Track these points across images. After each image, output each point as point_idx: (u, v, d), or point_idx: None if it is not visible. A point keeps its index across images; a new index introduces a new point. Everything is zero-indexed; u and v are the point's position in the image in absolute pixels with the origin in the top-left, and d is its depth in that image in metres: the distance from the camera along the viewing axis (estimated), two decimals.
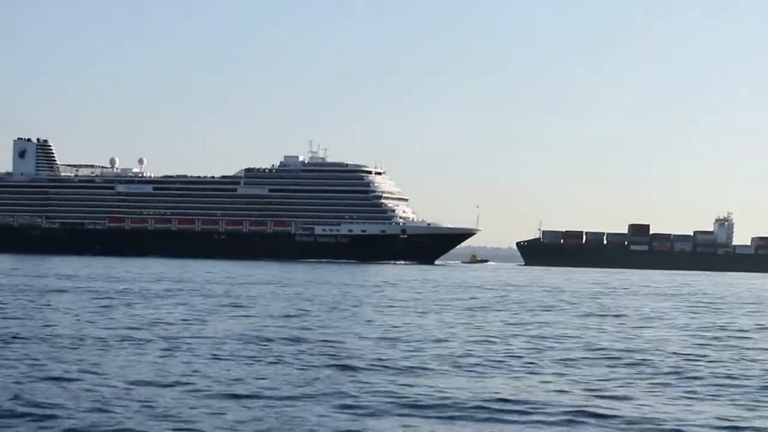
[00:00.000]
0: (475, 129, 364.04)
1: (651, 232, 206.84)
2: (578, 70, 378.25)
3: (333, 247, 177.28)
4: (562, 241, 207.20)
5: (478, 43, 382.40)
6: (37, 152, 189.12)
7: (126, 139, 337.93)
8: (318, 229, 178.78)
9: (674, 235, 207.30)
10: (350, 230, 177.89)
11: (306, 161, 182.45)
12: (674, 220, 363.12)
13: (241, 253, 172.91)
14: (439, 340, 36.73)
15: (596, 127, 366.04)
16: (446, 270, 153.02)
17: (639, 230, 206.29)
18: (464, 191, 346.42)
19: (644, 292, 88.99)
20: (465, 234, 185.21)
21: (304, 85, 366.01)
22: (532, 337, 39.58)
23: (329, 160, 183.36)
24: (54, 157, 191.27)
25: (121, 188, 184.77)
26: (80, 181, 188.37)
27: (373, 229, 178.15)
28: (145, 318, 43.10)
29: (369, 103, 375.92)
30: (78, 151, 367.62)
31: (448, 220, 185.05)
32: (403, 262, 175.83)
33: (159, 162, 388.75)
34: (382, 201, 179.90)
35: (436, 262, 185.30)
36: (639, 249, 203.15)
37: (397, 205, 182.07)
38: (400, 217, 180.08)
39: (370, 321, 45.23)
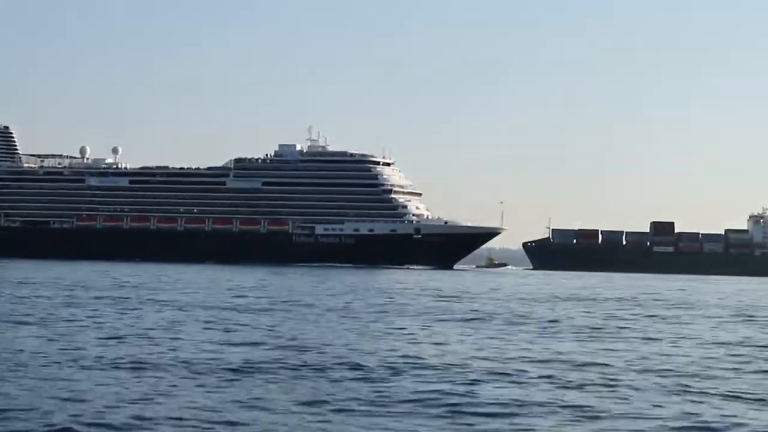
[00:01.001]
0: (495, 113, 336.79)
1: (676, 230, 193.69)
2: (599, 51, 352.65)
3: (336, 249, 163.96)
4: (574, 241, 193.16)
5: (500, 20, 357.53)
6: None
7: (99, 125, 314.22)
8: (319, 229, 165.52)
9: (703, 234, 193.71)
10: (355, 230, 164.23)
11: (304, 150, 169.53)
12: (702, 217, 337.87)
13: (230, 255, 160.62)
14: None
15: (614, 111, 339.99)
16: (475, 276, 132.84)
17: (662, 228, 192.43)
18: (484, 184, 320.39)
19: None
20: (488, 234, 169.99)
21: (302, 64, 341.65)
22: None
23: (331, 148, 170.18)
24: (16, 145, 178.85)
25: (92, 181, 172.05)
26: (45, 173, 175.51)
27: (381, 228, 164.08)
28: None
29: (375, 84, 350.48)
30: (43, 139, 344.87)
31: (466, 217, 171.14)
32: (417, 266, 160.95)
33: (136, 152, 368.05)
34: (392, 196, 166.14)
35: (455, 267, 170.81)
36: (663, 250, 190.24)
37: (409, 201, 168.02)
38: (413, 215, 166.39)
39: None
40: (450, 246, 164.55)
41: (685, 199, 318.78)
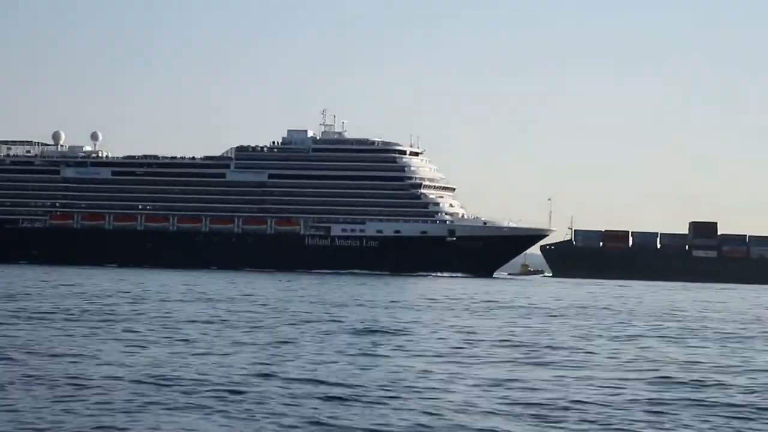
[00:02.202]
0: (536, 97, 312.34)
1: (719, 232, 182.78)
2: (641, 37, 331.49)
3: (356, 254, 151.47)
4: (600, 243, 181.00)
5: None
6: None
7: (75, 107, 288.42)
8: (335, 229, 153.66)
9: (750, 237, 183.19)
10: (379, 231, 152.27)
11: (317, 137, 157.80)
12: (748, 218, 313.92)
13: (231, 260, 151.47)
14: None
15: (648, 95, 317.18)
16: (534, 286, 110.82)
17: (703, 230, 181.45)
18: (529, 177, 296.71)
19: None
20: (534, 236, 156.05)
21: (313, 38, 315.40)
22: None
23: (348, 135, 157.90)
24: None
25: (68, 173, 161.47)
26: (13, 162, 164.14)
27: (410, 229, 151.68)
28: None
29: (397, 61, 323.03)
30: (11, 123, 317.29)
31: (507, 217, 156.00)
32: (450, 274, 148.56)
33: (119, 138, 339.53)
34: (422, 191, 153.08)
35: (495, 274, 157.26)
36: (704, 255, 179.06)
37: (442, 197, 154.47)
38: (446, 214, 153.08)
39: None
40: (489, 250, 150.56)
41: (729, 197, 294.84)
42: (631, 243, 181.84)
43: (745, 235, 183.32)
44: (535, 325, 52.76)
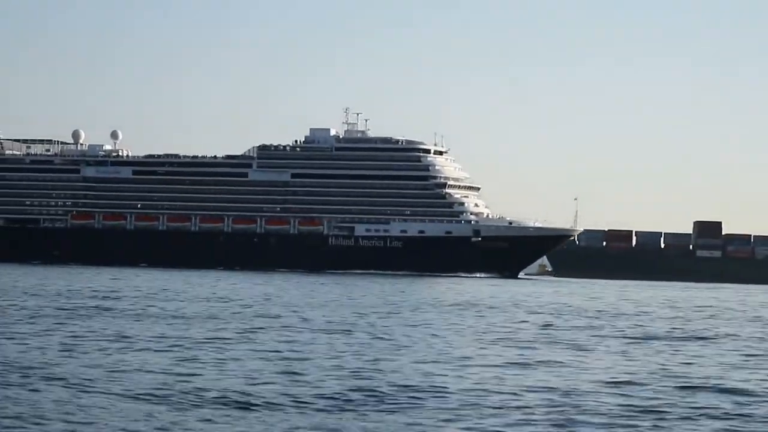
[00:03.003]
0: (563, 95, 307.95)
1: (724, 231, 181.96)
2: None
3: (380, 254, 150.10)
4: (604, 243, 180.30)
5: None
6: None
7: (94, 105, 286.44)
8: (359, 229, 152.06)
9: (756, 237, 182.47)
10: (403, 231, 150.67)
11: (340, 136, 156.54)
12: (754, 217, 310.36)
13: (254, 260, 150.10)
14: None
15: (652, 88, 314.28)
16: (564, 286, 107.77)
17: (708, 229, 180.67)
18: (554, 176, 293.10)
19: None
20: (559, 236, 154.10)
21: (334, 36, 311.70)
22: None
23: (371, 134, 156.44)
24: None
25: (88, 172, 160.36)
26: (33, 162, 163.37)
27: (434, 229, 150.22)
28: None
29: (420, 59, 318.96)
30: (29, 121, 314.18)
31: (530, 216, 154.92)
32: (475, 274, 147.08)
33: (140, 137, 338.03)
34: (447, 191, 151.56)
35: (521, 275, 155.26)
36: (708, 255, 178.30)
37: (467, 197, 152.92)
38: (471, 213, 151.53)
39: None
40: (515, 250, 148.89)
41: (734, 196, 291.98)
42: (634, 242, 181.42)
43: (750, 235, 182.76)
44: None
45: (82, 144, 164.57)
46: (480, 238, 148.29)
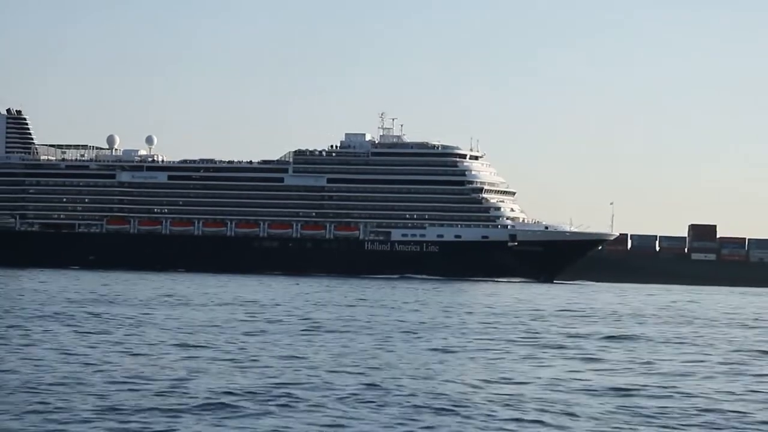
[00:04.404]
0: (597, 95, 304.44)
1: (718, 235, 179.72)
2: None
3: (416, 258, 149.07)
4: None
5: None
6: (7, 128, 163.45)
7: (129, 110, 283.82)
8: (395, 234, 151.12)
9: (750, 240, 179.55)
10: (439, 236, 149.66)
11: (376, 141, 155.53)
12: (748, 220, 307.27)
13: (290, 265, 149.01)
14: None
15: (645, 88, 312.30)
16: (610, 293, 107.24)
17: (703, 233, 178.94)
18: (588, 180, 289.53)
19: None
20: (595, 241, 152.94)
21: (369, 41, 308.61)
22: None
23: (407, 139, 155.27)
24: (30, 134, 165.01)
25: (124, 177, 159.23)
26: (68, 167, 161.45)
27: (470, 234, 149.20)
28: None
29: (455, 63, 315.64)
30: (64, 126, 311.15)
31: (565, 221, 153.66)
32: (511, 279, 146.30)
33: (175, 142, 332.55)
34: (483, 196, 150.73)
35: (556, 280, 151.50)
36: (703, 258, 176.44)
37: (503, 201, 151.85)
38: (507, 218, 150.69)
39: None
40: (551, 255, 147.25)
41: (729, 198, 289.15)
42: (629, 246, 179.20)
43: (745, 239, 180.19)
44: None
45: (116, 149, 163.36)
46: (516, 243, 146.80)
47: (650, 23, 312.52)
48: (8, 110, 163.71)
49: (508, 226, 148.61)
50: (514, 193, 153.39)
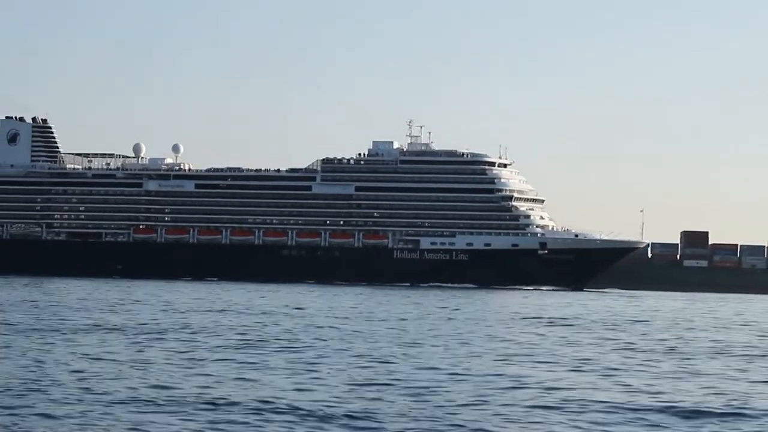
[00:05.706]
0: (627, 104, 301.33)
1: (710, 241, 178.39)
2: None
3: (446, 267, 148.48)
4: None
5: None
6: (33, 136, 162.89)
7: (155, 118, 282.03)
8: (425, 243, 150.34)
9: (742, 246, 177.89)
10: (469, 244, 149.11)
11: (404, 149, 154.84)
12: (740, 227, 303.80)
13: (318, 273, 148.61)
14: None
15: (640, 95, 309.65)
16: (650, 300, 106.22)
17: (695, 239, 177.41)
18: (619, 187, 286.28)
19: None
20: (625, 249, 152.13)
21: (397, 48, 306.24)
22: None
23: (435, 146, 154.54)
24: (56, 142, 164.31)
25: (151, 186, 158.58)
26: (94, 176, 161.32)
27: (500, 242, 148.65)
28: None
29: (484, 71, 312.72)
30: (89, 134, 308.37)
31: (595, 228, 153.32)
32: (541, 287, 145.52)
33: (201, 150, 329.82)
34: (513, 204, 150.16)
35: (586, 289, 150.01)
36: (695, 265, 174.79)
37: (532, 209, 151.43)
38: (537, 226, 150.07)
39: None
40: (581, 263, 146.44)
41: (721, 205, 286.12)
42: None
43: (737, 245, 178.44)
44: None
45: (143, 157, 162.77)
46: (546, 251, 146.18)
47: (652, 26, 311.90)
48: (34, 119, 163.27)
49: (538, 234, 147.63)
50: (543, 201, 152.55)
